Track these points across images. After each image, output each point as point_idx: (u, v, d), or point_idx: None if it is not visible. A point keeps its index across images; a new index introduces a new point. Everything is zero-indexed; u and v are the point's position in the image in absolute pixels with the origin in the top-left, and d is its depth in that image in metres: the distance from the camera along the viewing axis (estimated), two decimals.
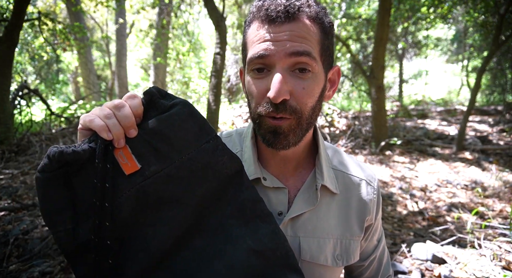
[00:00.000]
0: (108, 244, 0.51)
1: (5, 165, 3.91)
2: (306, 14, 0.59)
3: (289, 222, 0.68)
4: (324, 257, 0.69)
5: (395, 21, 7.76)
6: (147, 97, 0.55)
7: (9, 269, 1.94)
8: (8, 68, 4.31)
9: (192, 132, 0.55)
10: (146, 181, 0.52)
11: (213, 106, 4.42)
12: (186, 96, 11.24)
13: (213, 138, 0.57)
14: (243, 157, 0.72)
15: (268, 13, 0.58)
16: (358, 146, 5.47)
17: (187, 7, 7.68)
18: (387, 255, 0.87)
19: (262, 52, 0.58)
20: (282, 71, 0.58)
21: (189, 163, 0.54)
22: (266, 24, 0.59)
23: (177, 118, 0.54)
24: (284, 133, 0.61)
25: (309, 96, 0.60)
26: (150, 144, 0.53)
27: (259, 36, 0.60)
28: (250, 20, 0.63)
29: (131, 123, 0.51)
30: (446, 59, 18.46)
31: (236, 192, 0.59)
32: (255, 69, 0.61)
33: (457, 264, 2.03)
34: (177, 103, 0.55)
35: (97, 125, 0.50)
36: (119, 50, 11.98)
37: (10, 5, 5.26)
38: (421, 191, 3.68)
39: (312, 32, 0.59)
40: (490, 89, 10.47)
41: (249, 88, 0.63)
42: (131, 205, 0.52)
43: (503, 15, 4.95)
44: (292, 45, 0.57)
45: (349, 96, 12.95)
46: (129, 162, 0.52)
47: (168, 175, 0.53)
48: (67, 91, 15.02)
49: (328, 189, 0.71)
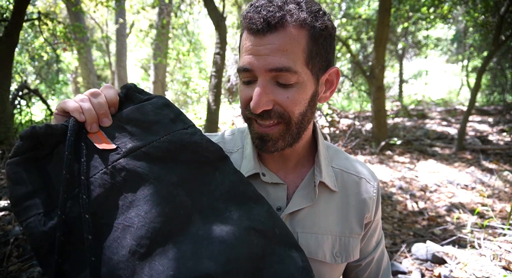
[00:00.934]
0: (86, 218, 0.49)
1: (5, 165, 3.90)
2: (289, 24, 0.57)
3: (287, 217, 0.69)
4: (322, 253, 0.69)
5: (395, 21, 7.76)
6: (124, 90, 0.57)
7: (9, 269, 1.94)
8: (8, 68, 4.31)
9: (168, 118, 0.57)
10: (124, 159, 0.53)
11: (213, 106, 4.42)
12: (186, 96, 11.24)
13: (191, 126, 0.59)
14: (244, 154, 0.73)
15: (251, 25, 0.58)
16: (358, 146, 5.47)
17: (187, 7, 7.68)
18: (387, 260, 0.86)
19: (246, 66, 0.60)
20: (265, 83, 0.59)
21: (167, 144, 0.55)
22: (251, 35, 0.59)
23: (151, 106, 0.56)
24: (272, 140, 0.63)
25: (295, 104, 0.61)
26: (125, 129, 0.55)
27: (245, 47, 0.61)
28: (242, 27, 0.64)
29: (105, 111, 0.53)
30: (446, 59, 18.46)
31: (223, 176, 0.59)
32: (243, 80, 0.64)
33: (457, 264, 2.03)
34: (153, 97, 0.57)
35: (70, 106, 0.52)
36: (119, 50, 11.97)
37: (10, 5, 5.26)
38: (421, 191, 3.68)
39: (296, 42, 0.58)
40: (490, 89, 10.47)
41: (240, 93, 0.66)
42: (108, 183, 0.52)
43: (503, 15, 4.95)
44: (271, 61, 0.57)
45: (349, 96, 12.95)
46: (104, 143, 0.53)
47: (145, 154, 0.53)
48: (67, 91, 15.02)
49: (327, 186, 0.71)
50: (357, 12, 8.48)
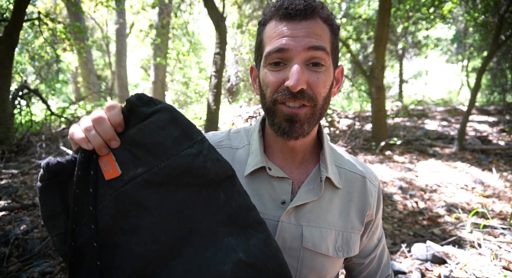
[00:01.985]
0: (94, 246, 0.53)
1: (5, 165, 3.91)
2: (320, 15, 0.65)
3: (292, 210, 0.71)
4: (326, 247, 0.71)
5: (395, 21, 7.77)
6: (127, 106, 0.56)
7: (9, 269, 1.94)
8: (8, 68, 4.32)
9: (171, 138, 0.54)
10: (125, 187, 0.53)
11: (213, 106, 4.42)
12: (186, 96, 11.24)
13: (198, 142, 0.56)
14: (250, 150, 0.75)
15: (288, 11, 0.63)
16: (358, 146, 5.47)
17: (187, 7, 7.67)
18: (387, 255, 0.89)
19: (281, 46, 0.63)
20: (300, 64, 0.62)
21: (167, 169, 0.54)
22: (285, 21, 0.64)
23: (154, 125, 0.54)
24: (300, 121, 0.65)
25: (323, 86, 0.65)
26: (130, 152, 0.54)
27: (278, 32, 0.64)
28: (267, 19, 0.68)
29: (110, 136, 0.54)
30: (446, 59, 18.46)
31: (227, 198, 0.57)
32: (273, 63, 0.65)
33: (457, 264, 2.03)
34: (157, 110, 0.55)
35: (76, 137, 0.54)
36: (119, 50, 11.98)
37: (10, 5, 5.26)
38: (421, 191, 3.68)
39: (325, 31, 0.65)
40: (490, 89, 10.47)
41: (265, 79, 0.67)
42: (113, 210, 0.54)
43: (503, 15, 4.95)
44: (310, 41, 0.62)
45: (349, 96, 12.95)
46: (112, 168, 0.54)
47: (145, 181, 0.53)
48: (67, 91, 15.02)
49: (332, 182, 0.74)
50: (357, 12, 8.48)
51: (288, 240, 0.69)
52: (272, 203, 0.71)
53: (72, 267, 0.54)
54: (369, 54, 9.37)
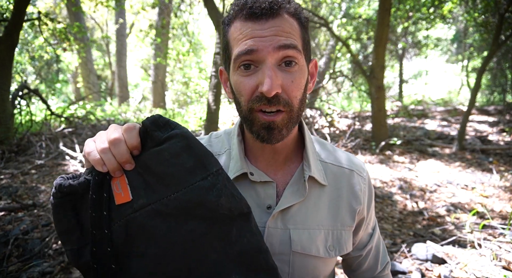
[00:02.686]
0: (112, 268, 0.53)
1: (5, 165, 3.91)
2: (286, 10, 0.61)
3: (278, 214, 0.69)
4: (316, 248, 0.69)
5: (395, 21, 7.77)
6: (143, 129, 0.54)
7: (9, 269, 1.94)
8: (8, 68, 4.31)
9: (184, 168, 0.52)
10: (134, 214, 0.53)
11: (213, 106, 4.42)
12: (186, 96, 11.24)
13: (212, 174, 0.53)
14: (231, 154, 0.73)
15: (253, 11, 0.59)
16: (358, 146, 5.46)
17: (187, 7, 7.67)
18: (382, 243, 0.88)
19: (249, 48, 0.59)
20: (272, 66, 0.59)
21: (177, 202, 0.52)
22: (250, 21, 0.60)
23: (167, 153, 0.52)
24: (278, 128, 0.63)
25: (298, 89, 0.63)
26: (143, 177, 0.53)
27: (245, 33, 0.60)
28: (231, 19, 0.64)
29: (126, 159, 0.52)
30: (446, 59, 18.46)
31: (239, 235, 0.55)
32: (242, 65, 0.61)
33: (457, 264, 2.03)
34: (172, 136, 0.53)
35: (93, 159, 0.52)
36: (119, 50, 11.98)
37: (10, 5, 5.26)
38: (421, 191, 3.68)
39: (294, 27, 0.62)
40: (490, 89, 10.48)
41: (238, 86, 0.63)
42: (122, 235, 0.53)
43: (503, 15, 4.95)
44: (279, 39, 0.59)
45: (349, 96, 12.95)
46: (123, 192, 0.53)
47: (155, 211, 0.52)
48: (67, 91, 15.02)
49: (317, 181, 0.72)
50: (357, 12, 8.48)
51: (276, 245, 0.68)
52: (258, 209, 0.69)
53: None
54: (369, 54, 9.37)
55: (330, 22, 8.48)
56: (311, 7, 7.86)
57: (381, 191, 3.66)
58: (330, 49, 8.81)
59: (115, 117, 8.25)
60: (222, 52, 0.69)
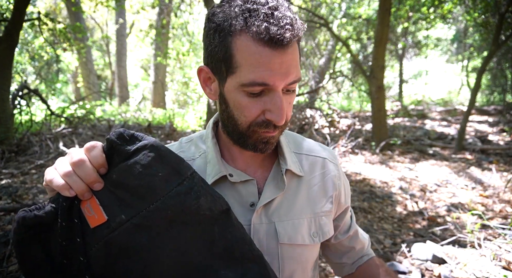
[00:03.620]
0: None
1: (5, 165, 3.91)
2: (299, 37, 0.59)
3: (262, 210, 0.70)
4: (302, 237, 0.72)
5: (395, 21, 7.77)
6: (108, 145, 0.52)
7: (9, 269, 1.94)
8: (8, 68, 4.31)
9: (158, 177, 0.51)
10: (113, 234, 0.50)
11: (213, 106, 4.42)
12: (186, 96, 11.24)
13: (187, 178, 0.53)
14: (208, 158, 0.73)
15: (275, 37, 0.54)
16: (358, 146, 5.46)
17: (187, 7, 7.67)
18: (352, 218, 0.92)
19: (265, 82, 0.57)
20: (281, 96, 0.60)
21: (157, 212, 0.51)
22: (268, 47, 0.55)
23: (138, 166, 0.51)
24: (275, 141, 0.68)
25: (291, 108, 0.67)
26: (115, 195, 0.51)
27: (261, 61, 0.56)
28: (238, 30, 0.56)
29: (93, 179, 0.50)
30: (446, 59, 18.46)
31: (222, 231, 0.55)
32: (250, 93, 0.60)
33: (457, 264, 2.03)
34: (141, 148, 0.51)
35: (57, 185, 0.50)
36: (119, 50, 11.98)
37: (10, 5, 5.26)
38: (421, 191, 3.68)
39: (298, 53, 0.61)
40: (490, 89, 10.48)
41: (240, 106, 0.62)
42: (102, 259, 0.51)
43: (503, 15, 4.95)
44: (291, 76, 0.59)
45: (349, 96, 12.95)
46: (96, 214, 0.51)
47: (135, 226, 0.51)
48: (67, 91, 15.02)
49: (294, 172, 0.74)
50: (357, 12, 8.48)
51: (264, 240, 0.69)
52: (241, 209, 0.69)
53: None
54: (369, 54, 9.37)
55: (330, 22, 8.48)
56: (311, 7, 7.86)
57: (381, 191, 3.66)
58: (330, 49, 8.82)
59: (115, 117, 8.25)
60: (217, 58, 0.61)
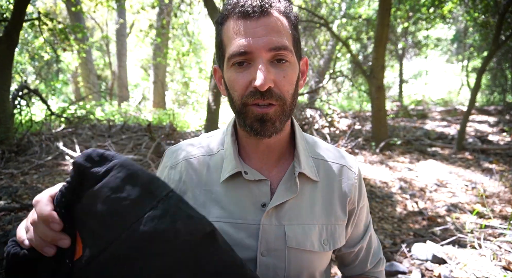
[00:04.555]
0: None
1: (5, 165, 3.90)
2: (277, 9, 0.64)
3: (272, 211, 0.70)
4: (311, 243, 0.71)
5: (395, 21, 7.77)
6: (75, 170, 0.47)
7: None
8: (8, 68, 4.31)
9: (129, 201, 0.46)
10: (84, 268, 0.47)
11: (213, 106, 4.42)
12: (186, 96, 11.24)
13: (162, 199, 0.46)
14: (225, 154, 0.74)
15: (244, 9, 0.62)
16: (358, 146, 5.46)
17: (187, 7, 7.67)
18: (377, 240, 0.89)
19: (243, 49, 0.62)
20: (265, 62, 0.62)
21: (129, 242, 0.45)
22: (242, 19, 0.63)
23: (106, 190, 0.46)
24: (271, 120, 0.65)
25: (289, 84, 0.66)
26: (86, 225, 0.47)
27: (237, 32, 0.63)
28: (224, 18, 0.66)
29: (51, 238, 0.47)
30: (446, 59, 18.46)
31: (208, 258, 0.49)
32: (236, 63, 0.64)
33: (457, 264, 2.03)
34: (111, 168, 0.46)
35: (25, 245, 0.49)
36: (119, 50, 11.98)
37: (10, 5, 5.26)
38: (421, 191, 3.68)
39: (284, 26, 0.65)
40: (490, 89, 10.49)
41: (232, 82, 0.66)
42: None
43: (503, 15, 4.95)
44: (270, 41, 0.62)
45: (349, 96, 12.95)
46: (78, 247, 0.48)
47: (108, 258, 0.46)
48: (67, 91, 15.02)
49: (308, 177, 0.73)
50: (357, 12, 8.48)
51: (271, 242, 0.69)
52: (252, 207, 0.70)
53: None
54: (369, 54, 9.37)
55: (330, 22, 8.48)
56: (311, 7, 7.86)
57: (381, 191, 3.66)
58: (330, 49, 8.82)
59: (115, 117, 8.25)
60: (216, 50, 0.71)
